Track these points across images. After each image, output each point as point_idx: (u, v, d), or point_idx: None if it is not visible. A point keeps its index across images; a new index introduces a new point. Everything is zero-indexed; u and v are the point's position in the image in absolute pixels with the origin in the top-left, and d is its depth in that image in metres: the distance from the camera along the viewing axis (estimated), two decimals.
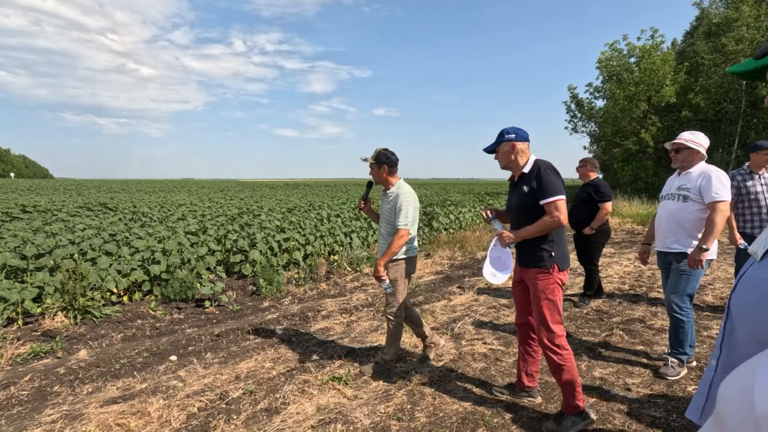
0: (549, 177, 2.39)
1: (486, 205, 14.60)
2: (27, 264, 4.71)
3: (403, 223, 2.99)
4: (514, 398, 2.80)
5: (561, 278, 2.45)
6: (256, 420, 2.63)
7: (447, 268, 7.23)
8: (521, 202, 2.50)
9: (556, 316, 2.44)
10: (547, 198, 2.37)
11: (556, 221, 2.36)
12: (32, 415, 2.74)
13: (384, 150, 3.12)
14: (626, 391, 2.92)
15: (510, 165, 2.58)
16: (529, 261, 2.51)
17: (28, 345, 3.73)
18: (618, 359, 3.45)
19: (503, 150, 2.56)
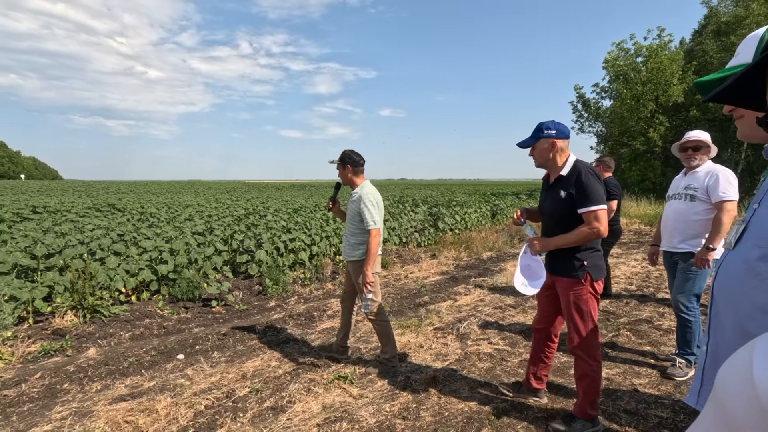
0: (591, 183, 2.21)
1: (492, 205, 14.56)
2: (37, 263, 4.78)
3: (371, 224, 3.06)
4: (520, 397, 2.78)
5: (595, 288, 2.33)
6: (262, 418, 2.64)
7: (452, 268, 7.22)
8: (556, 208, 2.35)
9: (590, 324, 2.34)
10: (587, 207, 2.21)
11: (596, 232, 2.20)
12: (42, 412, 2.78)
13: (349, 151, 3.21)
14: (633, 391, 2.90)
15: (547, 164, 2.42)
16: (559, 269, 2.40)
17: (39, 343, 3.78)
18: (625, 360, 3.43)
19: (541, 147, 2.38)
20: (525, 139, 2.44)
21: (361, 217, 3.08)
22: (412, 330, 4.13)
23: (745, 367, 0.35)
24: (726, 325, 0.71)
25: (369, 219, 3.05)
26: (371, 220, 3.05)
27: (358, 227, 3.15)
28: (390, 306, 5.00)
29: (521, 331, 4.06)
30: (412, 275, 6.66)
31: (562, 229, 2.33)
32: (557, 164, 2.38)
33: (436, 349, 3.69)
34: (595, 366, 2.35)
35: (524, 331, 4.08)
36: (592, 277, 2.31)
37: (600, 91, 23.08)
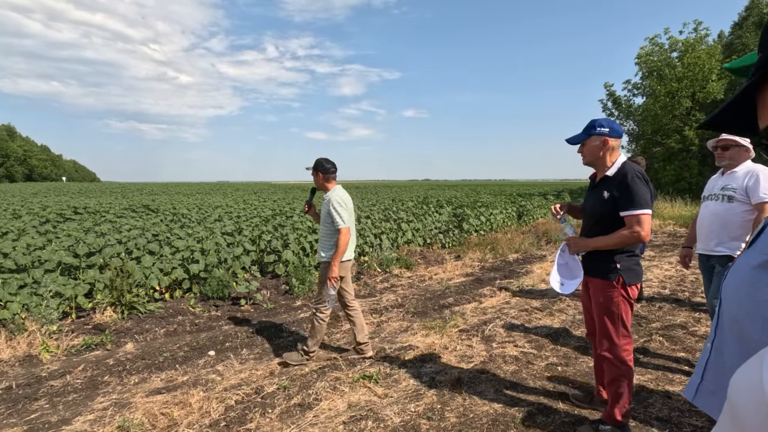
0: (636, 186, 2.15)
1: (519, 206, 14.33)
2: (79, 262, 5.04)
3: (340, 223, 3.27)
4: (593, 408, 2.66)
5: (628, 292, 2.26)
6: (290, 414, 2.71)
7: (477, 270, 7.17)
8: (597, 208, 2.31)
9: (621, 329, 2.28)
10: (630, 210, 2.15)
11: (636, 237, 2.14)
12: (86, 402, 2.94)
13: (322, 159, 3.46)
14: (666, 398, 2.82)
15: (596, 162, 2.36)
16: (591, 270, 2.36)
17: (81, 337, 3.99)
18: (657, 366, 3.33)
19: (591, 144, 2.32)
20: (575, 135, 2.39)
21: (332, 218, 3.29)
22: (437, 331, 4.13)
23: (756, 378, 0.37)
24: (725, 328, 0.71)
25: (338, 219, 3.27)
26: (340, 220, 3.26)
27: (329, 229, 3.35)
28: (414, 307, 5.02)
29: (548, 335, 4.00)
30: (437, 276, 6.65)
31: (601, 230, 2.29)
32: (606, 163, 2.32)
33: (460, 350, 3.68)
34: (625, 371, 2.30)
35: (551, 334, 4.01)
36: (626, 280, 2.26)
37: (632, 88, 22.35)
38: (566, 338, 3.94)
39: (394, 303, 5.21)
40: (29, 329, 3.80)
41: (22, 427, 2.61)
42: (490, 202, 14.66)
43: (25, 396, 3.02)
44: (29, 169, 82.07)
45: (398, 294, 5.64)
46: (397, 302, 5.25)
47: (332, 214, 3.29)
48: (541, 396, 2.87)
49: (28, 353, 3.62)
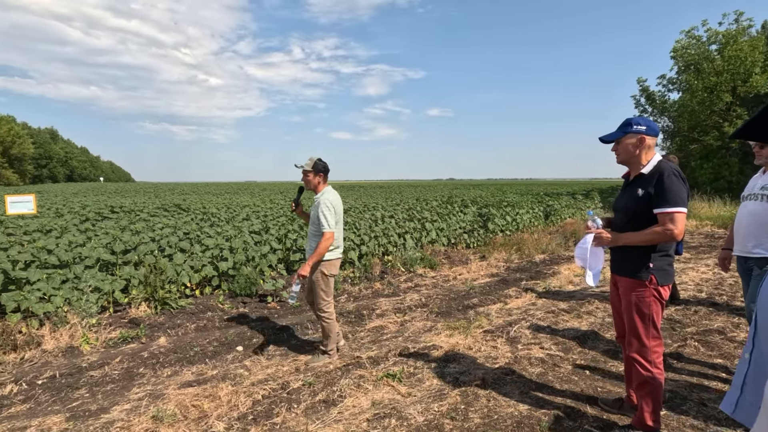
0: (672, 184, 2.11)
1: (546, 206, 14.03)
2: (116, 258, 5.28)
3: (326, 227, 3.27)
4: (622, 414, 2.60)
5: (660, 292, 2.20)
6: (315, 410, 2.76)
7: (503, 270, 7.07)
8: (631, 205, 2.25)
9: (651, 330, 2.23)
10: (664, 207, 2.10)
11: (669, 235, 2.09)
12: (122, 392, 3.08)
13: (320, 160, 3.43)
14: (701, 405, 2.71)
15: (630, 161, 2.30)
16: (621, 268, 2.30)
17: (118, 331, 4.18)
18: (692, 372, 3.20)
19: (627, 142, 2.26)
20: (610, 132, 2.33)
21: (319, 221, 3.30)
22: (461, 332, 4.11)
23: None
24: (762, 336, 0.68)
25: (324, 222, 3.28)
26: (326, 223, 3.28)
27: (318, 230, 3.35)
28: (438, 307, 5.00)
29: (575, 337, 3.91)
30: (461, 276, 6.60)
31: (633, 227, 2.23)
32: (641, 162, 2.26)
33: (485, 351, 3.65)
34: (656, 374, 2.23)
35: (578, 336, 3.92)
36: (658, 280, 2.19)
37: (667, 83, 21.49)
38: (595, 341, 3.85)
39: (418, 303, 5.21)
40: (71, 322, 4.01)
41: (64, 414, 2.76)
42: (516, 202, 14.41)
43: (68, 385, 3.19)
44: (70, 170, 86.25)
45: (422, 294, 5.63)
46: (421, 302, 5.24)
47: (320, 216, 3.29)
48: (569, 399, 2.82)
49: (70, 344, 3.82)
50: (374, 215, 9.43)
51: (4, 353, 3.58)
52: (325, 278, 3.41)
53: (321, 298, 3.44)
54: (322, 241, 3.27)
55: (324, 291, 3.43)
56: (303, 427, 2.55)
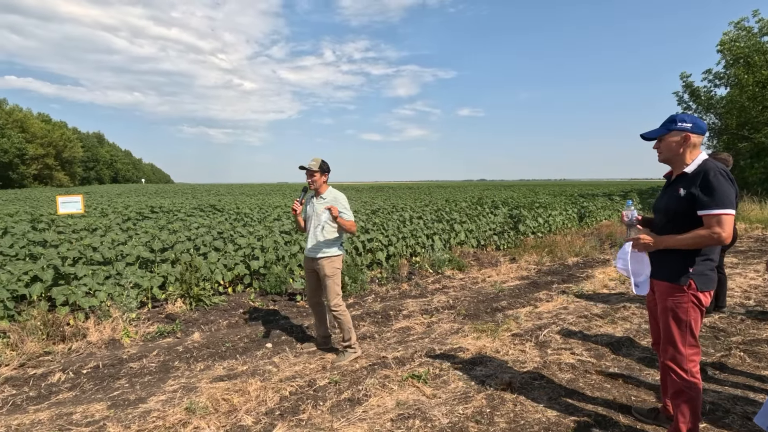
0: (720, 184, 1.99)
1: (580, 207, 13.60)
2: (155, 256, 5.53)
3: (351, 216, 3.55)
4: (657, 424, 2.50)
5: (699, 298, 2.09)
6: (340, 408, 2.80)
7: (533, 273, 6.91)
8: (671, 205, 2.15)
9: (689, 337, 2.12)
10: (710, 209, 1.98)
11: (716, 239, 1.97)
12: (159, 384, 3.23)
13: (324, 160, 3.56)
14: (745, 419, 2.56)
15: (673, 160, 2.19)
16: (658, 271, 2.20)
17: (155, 325, 4.38)
18: (736, 384, 3.02)
19: (670, 140, 2.15)
20: (653, 129, 2.23)
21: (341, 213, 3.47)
22: (489, 334, 4.05)
23: None
24: None
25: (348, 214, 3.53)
26: (350, 214, 3.55)
27: (331, 227, 3.51)
28: (466, 309, 4.95)
29: (609, 343, 3.77)
30: (490, 279, 6.50)
31: (674, 229, 2.12)
32: (685, 161, 2.15)
33: (513, 355, 3.58)
34: (692, 383, 2.12)
35: (612, 343, 3.78)
36: (697, 285, 2.08)
37: (713, 78, 20.34)
38: (630, 348, 3.70)
39: (446, 304, 5.17)
40: (113, 316, 4.24)
41: (106, 403, 2.92)
42: (549, 203, 14.04)
43: (109, 375, 3.38)
44: (115, 172, 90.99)
45: (450, 295, 5.59)
46: (449, 303, 5.20)
47: (347, 209, 3.53)
48: (600, 407, 2.72)
49: (112, 337, 4.04)
50: (402, 216, 9.44)
51: (53, 344, 3.83)
52: (338, 273, 3.56)
53: (335, 292, 3.54)
54: (351, 224, 3.51)
55: (337, 285, 3.55)
56: (328, 425, 2.59)
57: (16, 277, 4.40)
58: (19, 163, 47.61)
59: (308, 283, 3.77)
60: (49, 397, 3.06)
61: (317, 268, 3.55)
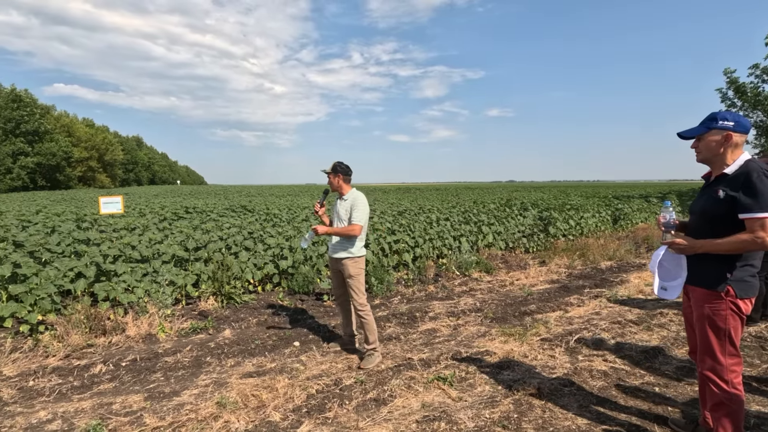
0: (764, 186, 1.89)
1: (614, 210, 13.14)
2: (189, 255, 5.73)
3: (356, 219, 3.48)
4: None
5: (738, 305, 1.99)
6: (365, 408, 2.82)
7: (564, 276, 6.73)
8: (709, 207, 2.05)
9: (728, 346, 2.02)
10: (753, 212, 1.89)
11: (760, 243, 1.88)
12: (191, 378, 3.35)
13: (339, 162, 3.62)
14: None
15: (713, 160, 2.09)
16: (694, 277, 2.10)
17: (189, 322, 4.54)
18: None
19: (710, 139, 2.05)
20: (691, 128, 2.13)
21: (350, 215, 3.49)
22: (516, 338, 3.98)
23: None
24: None
25: (357, 215, 3.49)
26: (359, 216, 3.49)
27: (350, 222, 3.52)
28: (493, 312, 4.87)
29: (644, 351, 3.63)
30: (518, 282, 6.38)
31: (710, 232, 2.03)
32: (725, 161, 2.05)
33: (541, 360, 3.50)
34: (733, 395, 2.01)
35: (648, 351, 3.63)
36: (736, 293, 1.98)
37: (761, 73, 19.24)
38: (666, 356, 3.54)
39: (472, 307, 5.11)
40: (150, 312, 4.42)
41: (143, 394, 3.05)
42: (581, 205, 13.64)
43: (146, 368, 3.53)
44: (152, 173, 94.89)
45: (477, 298, 5.52)
46: (476, 306, 5.14)
47: (354, 210, 3.51)
48: (634, 417, 2.63)
49: (148, 332, 4.21)
50: (429, 217, 9.39)
51: (95, 337, 4.03)
52: (362, 273, 3.60)
53: (360, 292, 3.57)
54: (351, 228, 3.48)
55: (361, 285, 3.58)
56: (354, 424, 2.61)
57: (63, 273, 4.66)
58: (65, 165, 50.43)
59: (334, 283, 3.84)
60: (91, 387, 3.22)
61: (341, 269, 3.60)
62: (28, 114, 44.66)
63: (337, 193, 3.70)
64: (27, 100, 45.96)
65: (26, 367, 3.44)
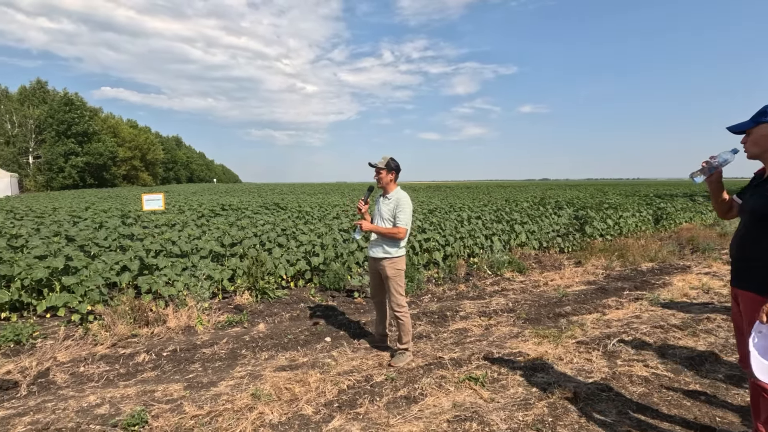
0: None
1: (656, 209, 12.54)
2: (225, 251, 5.93)
3: (404, 222, 3.43)
4: None
5: None
6: (396, 405, 2.82)
7: (601, 278, 6.49)
8: (760, 207, 1.95)
9: None
10: None
11: None
12: (228, 370, 3.46)
13: (392, 158, 3.54)
14: None
15: (764, 156, 1.99)
16: (742, 280, 2.00)
17: (225, 315, 4.69)
18: None
19: (761, 134, 1.95)
20: (741, 122, 2.03)
21: (394, 216, 3.44)
22: (551, 340, 3.87)
23: None
24: None
25: (403, 218, 3.44)
26: (405, 219, 3.45)
27: (395, 225, 3.47)
28: (526, 313, 4.76)
29: (689, 357, 3.45)
30: (553, 282, 6.20)
31: (761, 233, 1.91)
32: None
33: (577, 363, 3.40)
34: None
35: (694, 357, 3.45)
36: None
37: None
38: (714, 364, 3.35)
39: (505, 307, 5.02)
40: (189, 305, 4.60)
41: (183, 384, 3.18)
42: (620, 204, 13.12)
43: (186, 359, 3.68)
44: (190, 172, 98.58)
45: (509, 298, 5.41)
46: (508, 306, 5.04)
47: (399, 213, 3.45)
48: (678, 426, 2.50)
49: (187, 324, 4.39)
50: (460, 216, 9.29)
51: (139, 327, 4.24)
52: (401, 274, 3.54)
53: (399, 293, 3.53)
54: (396, 231, 3.44)
55: (400, 286, 3.54)
56: (384, 420, 2.63)
57: (109, 266, 4.93)
58: (111, 164, 53.23)
59: (372, 282, 3.81)
60: (135, 375, 3.39)
61: (380, 269, 3.56)
62: (79, 116, 47.40)
63: (381, 190, 3.64)
64: (77, 103, 48.79)
65: (77, 354, 3.66)
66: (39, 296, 4.66)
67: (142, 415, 2.62)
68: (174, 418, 2.66)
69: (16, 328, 3.85)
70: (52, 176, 45.91)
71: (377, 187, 3.66)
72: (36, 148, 47.68)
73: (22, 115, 46.58)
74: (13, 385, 3.13)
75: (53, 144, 45.89)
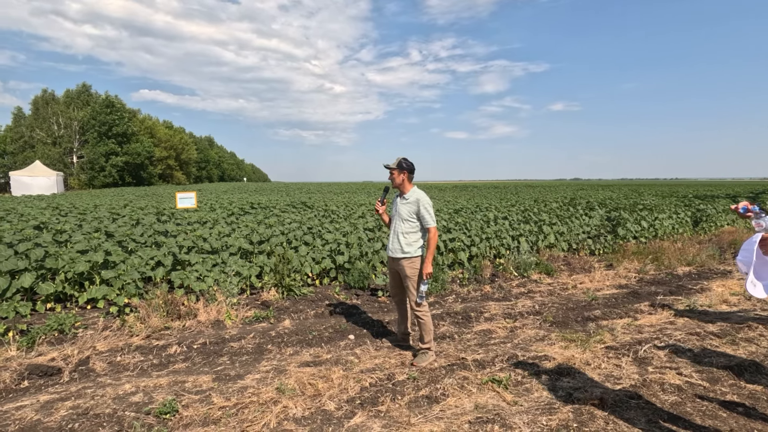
0: None
1: (695, 210, 11.97)
2: (253, 248, 6.09)
3: (431, 222, 3.45)
4: None
5: None
6: (417, 404, 2.83)
7: (634, 282, 6.26)
8: None
9: None
10: None
11: None
12: (254, 363, 3.56)
13: (404, 159, 3.56)
14: None
15: None
16: None
17: (252, 311, 4.81)
18: None
19: None
20: None
21: (419, 217, 3.48)
22: (578, 345, 3.78)
23: None
24: None
25: (429, 218, 3.46)
26: (431, 219, 3.46)
27: (412, 227, 3.51)
28: (553, 316, 4.66)
29: (727, 367, 3.29)
30: (582, 285, 6.04)
31: None
32: None
33: (606, 369, 3.30)
34: None
35: (732, 366, 3.29)
36: None
37: None
38: (755, 374, 3.18)
39: (531, 310, 4.93)
40: (218, 300, 4.76)
41: (211, 375, 3.29)
42: (655, 205, 12.60)
43: (214, 352, 3.80)
44: (222, 171, 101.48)
45: (536, 300, 5.31)
46: (534, 309, 4.95)
47: (423, 214, 3.46)
48: None
49: (216, 318, 4.53)
50: (486, 216, 9.17)
51: (171, 320, 4.41)
52: (418, 274, 3.53)
53: (418, 293, 3.51)
54: (432, 236, 3.49)
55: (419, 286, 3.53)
56: (405, 419, 2.64)
57: (145, 261, 5.15)
58: (148, 164, 55.51)
59: (391, 282, 3.84)
60: (168, 365, 3.54)
61: (398, 269, 3.59)
62: (119, 118, 49.68)
63: (397, 191, 3.66)
64: (118, 105, 51.12)
65: (114, 344, 3.85)
66: (80, 288, 4.93)
67: (173, 405, 2.73)
68: (203, 408, 2.76)
69: (60, 318, 4.08)
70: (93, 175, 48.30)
71: (392, 188, 3.69)
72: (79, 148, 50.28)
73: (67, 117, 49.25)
74: (57, 372, 3.33)
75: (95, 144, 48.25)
